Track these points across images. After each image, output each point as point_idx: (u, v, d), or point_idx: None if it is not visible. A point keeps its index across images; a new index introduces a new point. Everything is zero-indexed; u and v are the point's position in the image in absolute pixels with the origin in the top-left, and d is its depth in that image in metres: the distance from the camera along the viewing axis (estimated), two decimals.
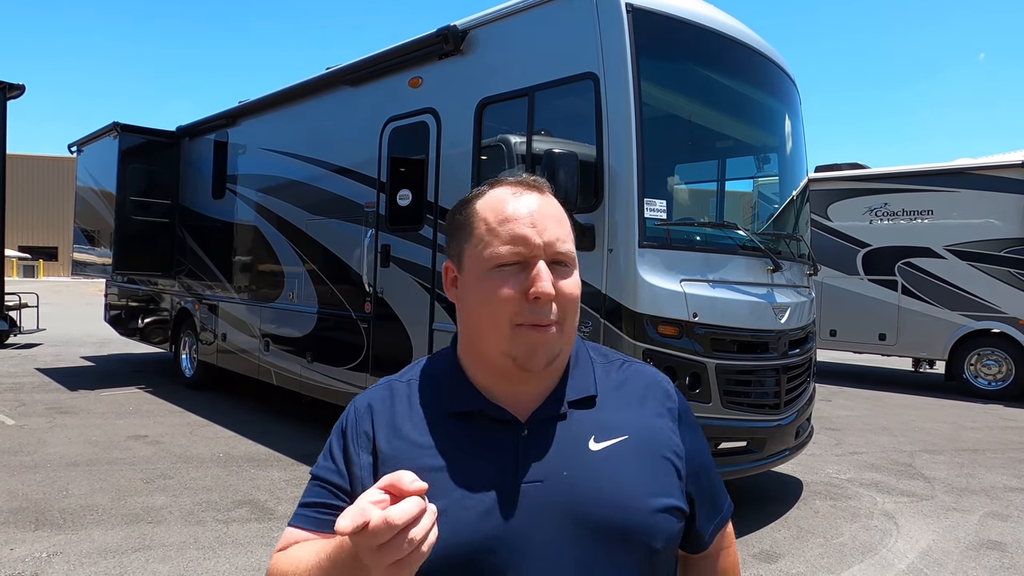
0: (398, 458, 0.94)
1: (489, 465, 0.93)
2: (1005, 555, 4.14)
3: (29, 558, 3.66)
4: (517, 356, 0.92)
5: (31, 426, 6.52)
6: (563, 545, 0.90)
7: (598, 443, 0.95)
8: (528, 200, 0.96)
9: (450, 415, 0.97)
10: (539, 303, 0.91)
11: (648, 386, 1.04)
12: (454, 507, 0.89)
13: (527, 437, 0.94)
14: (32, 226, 51.54)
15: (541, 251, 0.92)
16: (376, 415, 1.00)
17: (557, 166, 3.87)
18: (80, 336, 14.42)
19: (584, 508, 0.91)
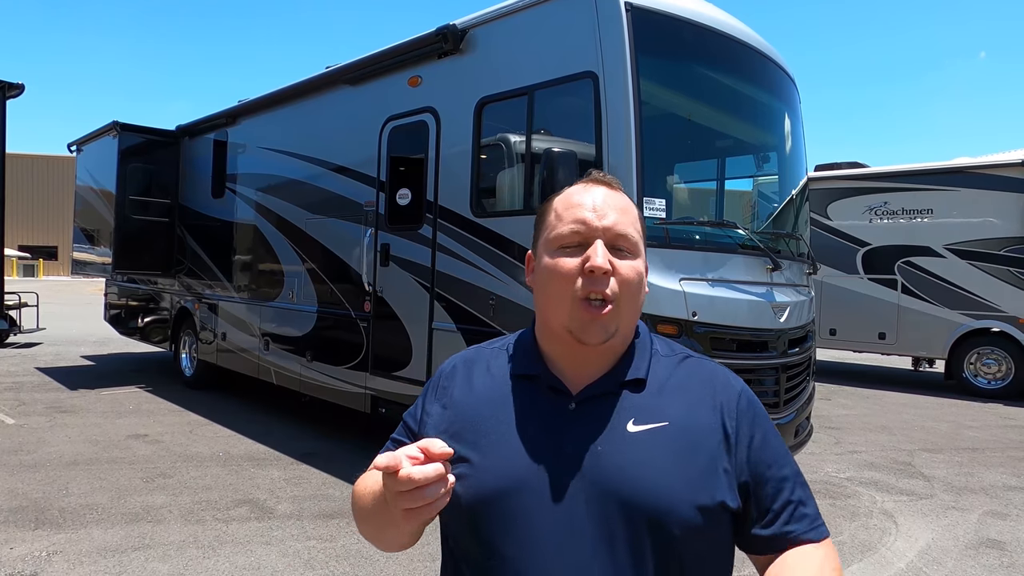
0: (461, 404, 1.09)
1: (535, 428, 1.03)
2: (1004, 554, 4.14)
3: (29, 557, 3.66)
4: (574, 329, 1.01)
5: (31, 425, 6.52)
6: (582, 515, 0.97)
7: (636, 425, 1.02)
8: (595, 191, 1.07)
9: (515, 376, 1.09)
10: (594, 276, 1.00)
11: (705, 381, 1.08)
12: (497, 456, 1.01)
13: (574, 409, 1.04)
14: (32, 225, 51.54)
15: (600, 233, 1.02)
16: (457, 372, 1.15)
17: (556, 165, 3.87)
18: (80, 335, 14.42)
19: (608, 482, 0.97)
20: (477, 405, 1.08)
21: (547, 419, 1.03)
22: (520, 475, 0.99)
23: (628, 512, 0.96)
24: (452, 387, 1.13)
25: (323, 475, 5.25)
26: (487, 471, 1.01)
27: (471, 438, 1.04)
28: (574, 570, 0.96)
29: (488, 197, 4.83)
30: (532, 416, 1.04)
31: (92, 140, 9.53)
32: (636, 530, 0.96)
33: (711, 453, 1.00)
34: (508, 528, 0.98)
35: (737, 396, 1.07)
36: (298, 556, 3.79)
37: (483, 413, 1.06)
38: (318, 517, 4.38)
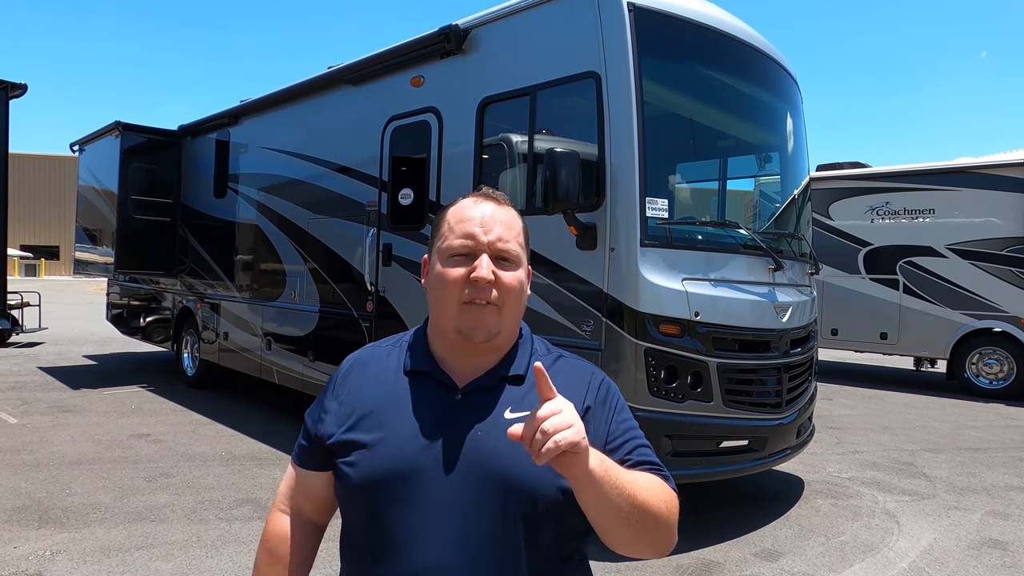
0: (356, 399, 1.20)
1: (424, 417, 1.15)
2: (1006, 554, 4.14)
3: (32, 556, 3.67)
4: (462, 328, 1.15)
5: (34, 425, 6.54)
6: (464, 490, 1.09)
7: (513, 413, 1.14)
8: (483, 207, 1.19)
9: (407, 372, 1.21)
10: (478, 285, 1.13)
11: (573, 376, 1.22)
12: (387, 443, 1.13)
13: (459, 401, 1.16)
14: (34, 225, 51.60)
15: (485, 247, 1.15)
16: (352, 371, 1.25)
17: (559, 165, 3.87)
18: (82, 335, 14.44)
19: (485, 463, 1.10)
20: (372, 398, 1.19)
21: (435, 409, 1.16)
22: (410, 457, 1.11)
23: (501, 489, 1.09)
24: (347, 384, 1.23)
25: None
26: (380, 455, 1.12)
27: (366, 427, 1.16)
28: (455, 538, 1.08)
29: None
30: (422, 407, 1.16)
31: (94, 140, 9.54)
32: (507, 504, 1.09)
33: None
34: (399, 503, 1.10)
35: (599, 384, 1.22)
36: None
37: (377, 405, 1.17)
38: None
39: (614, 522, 1.05)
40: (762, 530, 4.38)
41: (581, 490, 1.01)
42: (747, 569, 3.81)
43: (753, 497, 4.95)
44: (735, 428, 4.16)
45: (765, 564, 3.88)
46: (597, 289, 4.04)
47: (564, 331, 4.22)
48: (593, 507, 1.03)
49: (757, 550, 4.07)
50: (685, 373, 3.98)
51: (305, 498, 1.28)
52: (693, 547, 4.01)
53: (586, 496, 1.02)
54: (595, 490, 1.01)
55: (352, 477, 1.13)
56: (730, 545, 4.10)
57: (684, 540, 4.06)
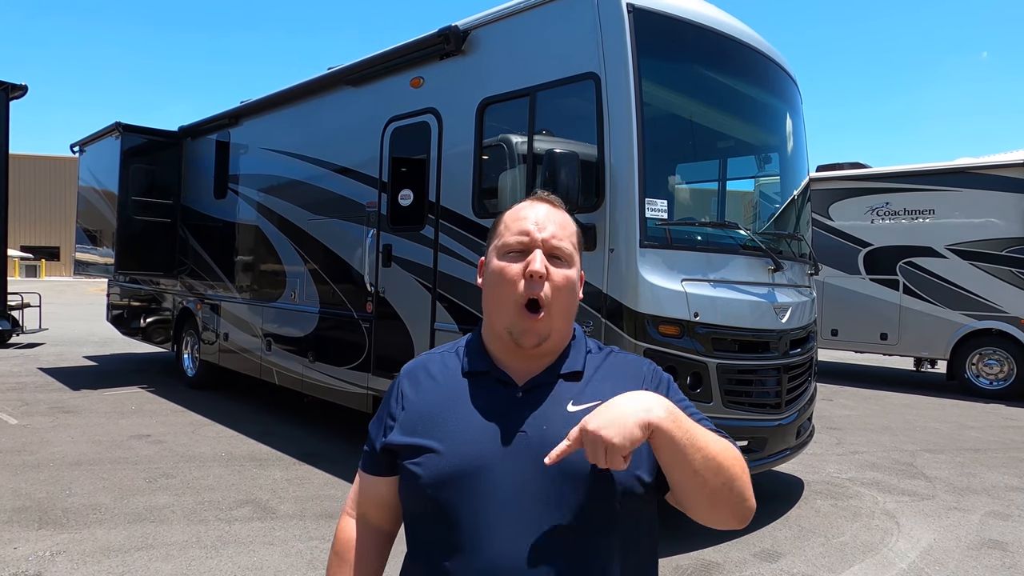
0: (419, 403, 1.23)
1: (488, 414, 1.17)
2: (1006, 554, 4.14)
3: (32, 557, 3.67)
4: (514, 333, 1.18)
5: (34, 425, 6.54)
6: (534, 481, 1.10)
7: (575, 406, 1.17)
8: (538, 208, 1.24)
9: (465, 374, 1.24)
10: (533, 280, 1.15)
11: (627, 369, 1.27)
12: (454, 440, 1.15)
13: (520, 398, 1.19)
14: (34, 226, 51.62)
15: (540, 244, 1.18)
16: (411, 378, 1.28)
17: (558, 166, 3.87)
18: (82, 336, 14.44)
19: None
20: (433, 402, 1.22)
21: (498, 406, 1.18)
22: (478, 454, 1.13)
23: (571, 479, 1.10)
24: (408, 391, 1.26)
25: (325, 475, 5.26)
26: (449, 455, 1.14)
27: (431, 430, 1.18)
28: (528, 530, 1.09)
29: (490, 198, 4.84)
30: (484, 405, 1.19)
31: (94, 141, 9.55)
32: (579, 493, 1.10)
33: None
34: (469, 499, 1.11)
35: (651, 372, 1.27)
36: (300, 556, 3.80)
37: (440, 408, 1.20)
38: (320, 517, 4.39)
39: (691, 477, 1.06)
40: (762, 531, 4.38)
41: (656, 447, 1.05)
42: (747, 569, 3.81)
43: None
44: (735, 429, 4.16)
45: (765, 564, 3.88)
46: (596, 290, 4.04)
47: None
48: (668, 460, 1.06)
49: (757, 551, 4.07)
50: (684, 374, 3.98)
51: (373, 504, 1.30)
52: (693, 548, 4.01)
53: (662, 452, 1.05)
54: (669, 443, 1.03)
55: (421, 476, 1.15)
56: (730, 546, 4.10)
57: (683, 540, 4.08)
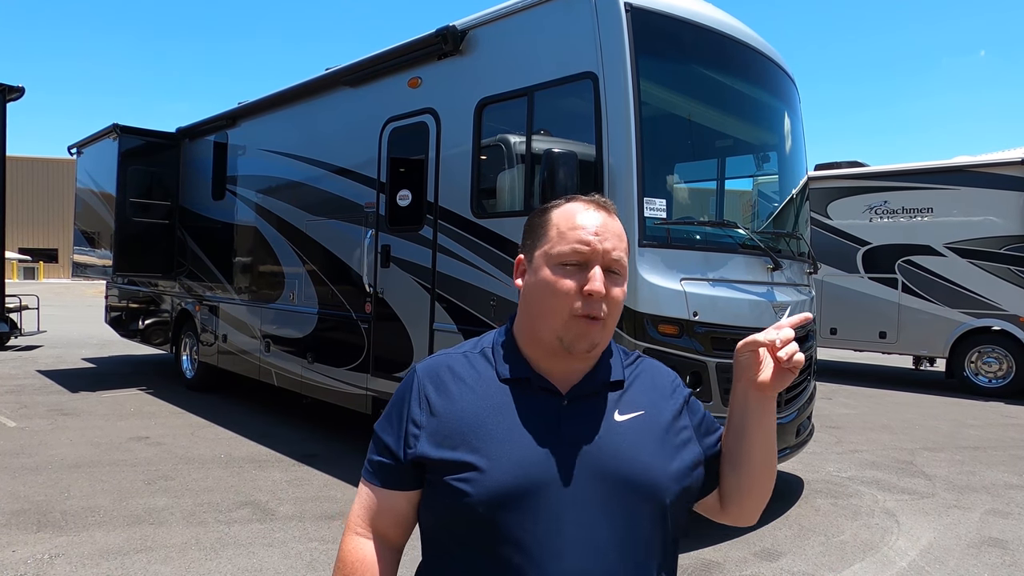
0: (454, 412, 1.14)
1: (535, 424, 1.12)
2: (1006, 552, 4.14)
3: (31, 559, 3.66)
4: (565, 339, 1.12)
5: (33, 428, 6.53)
6: (590, 494, 1.09)
7: (622, 416, 1.16)
8: (595, 215, 1.16)
9: (502, 380, 1.17)
10: (592, 299, 1.11)
11: (657, 378, 1.28)
12: (502, 456, 1.09)
13: (567, 407, 1.15)
14: (32, 228, 51.54)
15: (599, 257, 1.13)
16: (437, 380, 1.18)
17: (557, 166, 3.87)
18: (81, 338, 14.43)
19: (608, 465, 1.11)
20: (472, 411, 1.13)
21: (544, 416, 1.14)
22: (530, 468, 1.09)
23: (627, 488, 1.10)
24: (435, 397, 1.16)
25: (325, 476, 5.25)
26: (499, 470, 1.08)
27: (474, 443, 1.10)
28: (589, 545, 1.07)
29: (488, 198, 4.83)
30: (530, 415, 1.13)
31: (92, 142, 9.54)
32: (634, 502, 1.10)
33: (679, 428, 1.21)
34: (532, 520, 1.07)
35: (678, 383, 1.30)
36: (300, 558, 3.79)
37: (481, 417, 1.12)
38: (320, 519, 4.38)
39: (773, 450, 1.21)
40: (762, 530, 4.38)
41: (767, 412, 1.18)
42: (747, 569, 3.81)
43: None
44: None
45: (765, 564, 3.87)
46: None
47: None
48: (766, 430, 1.19)
49: (757, 550, 4.07)
50: (684, 373, 3.98)
51: (388, 520, 1.18)
52: (693, 547, 4.01)
53: (768, 417, 1.18)
54: (774, 412, 1.18)
55: (472, 493, 1.07)
56: (730, 545, 4.10)
57: (683, 540, 4.07)
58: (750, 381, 1.15)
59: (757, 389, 1.15)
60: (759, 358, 1.14)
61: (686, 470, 1.17)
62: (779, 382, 1.13)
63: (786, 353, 1.11)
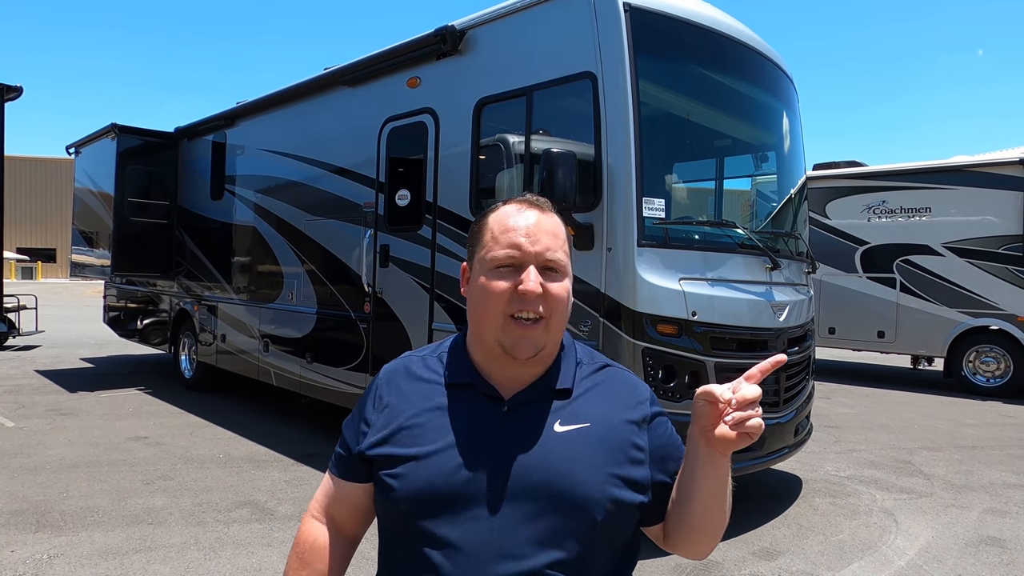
0: (399, 410, 1.17)
1: (471, 430, 1.12)
2: (1004, 551, 4.15)
3: (30, 560, 3.66)
4: (506, 344, 1.11)
5: (31, 428, 6.52)
6: (515, 505, 1.07)
7: (562, 426, 1.13)
8: (528, 215, 1.15)
9: (448, 385, 1.18)
10: (526, 298, 1.09)
11: (621, 390, 1.21)
12: (435, 457, 1.10)
13: (506, 413, 1.14)
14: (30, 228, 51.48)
15: (532, 257, 1.11)
16: (392, 380, 1.23)
17: (555, 165, 3.87)
18: (79, 338, 14.41)
19: (537, 476, 1.08)
20: (415, 410, 1.16)
21: (482, 422, 1.13)
22: (457, 471, 1.09)
23: (555, 501, 1.07)
24: (388, 395, 1.21)
25: (324, 476, 5.24)
26: (427, 468, 1.10)
27: (411, 439, 1.13)
28: (506, 553, 1.05)
29: (487, 197, 4.83)
30: (467, 419, 1.14)
31: (90, 142, 9.52)
32: (562, 516, 1.07)
33: (629, 445, 1.15)
34: (446, 519, 1.08)
35: (650, 399, 1.22)
36: None
37: (421, 417, 1.15)
38: None
39: (719, 505, 1.12)
40: (760, 529, 4.38)
41: (715, 468, 1.07)
42: (746, 568, 3.81)
43: (751, 496, 4.95)
44: None
45: (764, 563, 3.88)
46: (594, 289, 4.04)
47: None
48: (712, 486, 1.09)
49: (756, 549, 4.07)
50: (683, 373, 3.98)
51: (342, 509, 1.25)
52: None
53: (715, 474, 1.08)
54: (725, 470, 1.09)
55: (397, 489, 1.11)
56: (728, 544, 4.10)
57: None
58: (702, 432, 1.05)
59: (707, 444, 1.05)
60: (716, 410, 1.03)
61: (625, 489, 1.11)
62: (731, 444, 1.02)
63: (735, 420, 1.00)
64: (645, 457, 1.15)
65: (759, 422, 1.00)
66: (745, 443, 1.01)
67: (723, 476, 1.09)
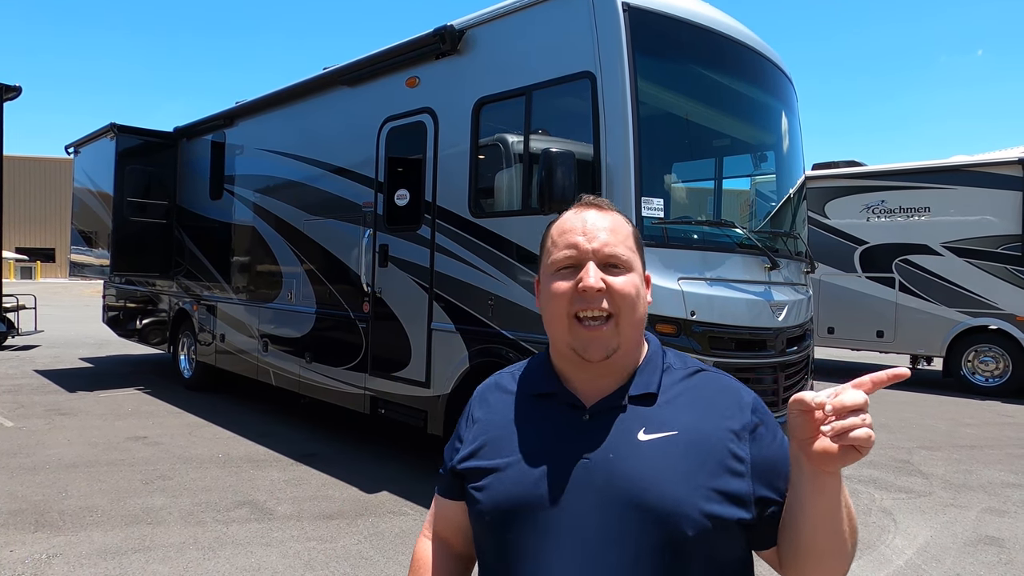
0: (485, 425, 1.18)
1: (551, 440, 1.10)
2: (1003, 550, 4.15)
3: (29, 559, 3.66)
4: (576, 347, 1.09)
5: (30, 428, 6.52)
6: (595, 512, 1.03)
7: (647, 435, 1.07)
8: (585, 215, 1.14)
9: (532, 396, 1.17)
10: (586, 295, 1.07)
11: (717, 395, 1.13)
12: (515, 467, 1.09)
13: (588, 421, 1.10)
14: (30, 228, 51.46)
15: (591, 254, 1.09)
16: (481, 398, 1.24)
17: (554, 165, 3.87)
18: (78, 337, 14.40)
19: (619, 487, 1.03)
20: (498, 424, 1.17)
21: (563, 431, 1.10)
22: (538, 482, 1.06)
23: (638, 514, 1.01)
24: (477, 411, 1.23)
25: (323, 476, 5.25)
26: (508, 480, 1.09)
27: (493, 451, 1.13)
28: (588, 569, 1.02)
29: (486, 197, 4.84)
30: (548, 429, 1.12)
31: (89, 142, 9.52)
32: (646, 530, 1.01)
33: (727, 455, 1.05)
34: (527, 531, 1.05)
35: (753, 404, 1.12)
36: (298, 557, 3.79)
37: (505, 430, 1.15)
38: (318, 518, 4.38)
39: (833, 531, 0.99)
40: None
41: (820, 488, 0.95)
42: None
43: None
44: None
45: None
46: None
47: None
48: (820, 509, 0.97)
49: None
50: None
51: (446, 527, 1.25)
52: None
53: (822, 496, 0.96)
54: (835, 491, 0.96)
55: (482, 502, 1.10)
56: None
57: None
58: (801, 447, 0.93)
59: (808, 460, 0.93)
60: (813, 421, 0.91)
61: (722, 503, 1.02)
62: (835, 460, 0.90)
63: (834, 429, 0.88)
64: (745, 469, 1.05)
65: (866, 432, 0.87)
66: (852, 458, 0.89)
67: (831, 498, 0.97)
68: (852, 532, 1.01)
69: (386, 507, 4.62)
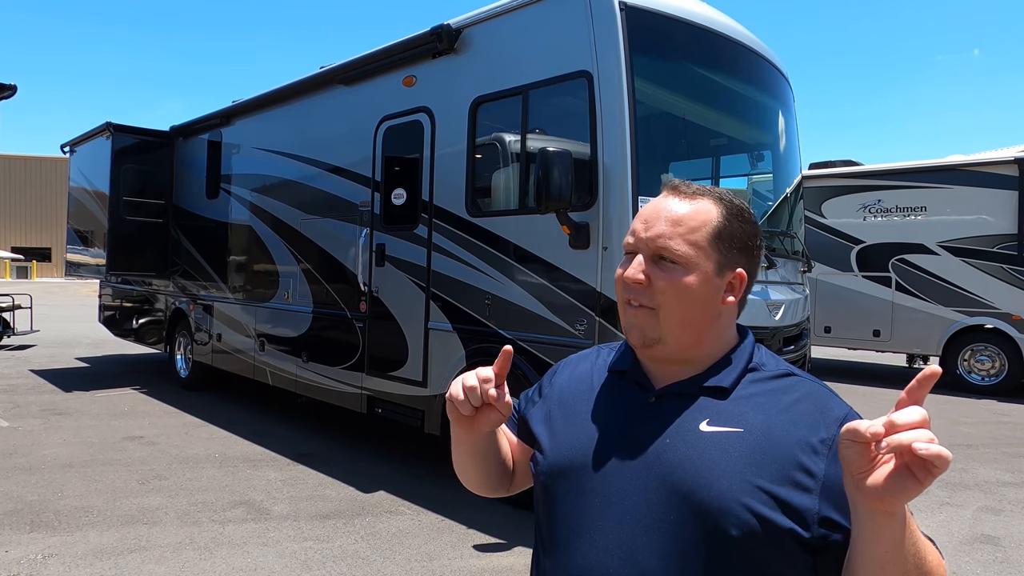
0: (560, 390, 1.22)
1: (613, 413, 1.12)
2: (999, 549, 4.17)
3: (24, 560, 3.65)
4: (624, 327, 1.12)
5: (26, 428, 6.50)
6: (643, 495, 1.02)
7: (710, 427, 1.03)
8: (660, 201, 1.10)
9: (609, 371, 1.19)
10: (627, 286, 1.08)
11: (799, 403, 1.03)
12: (573, 432, 1.13)
13: (653, 403, 1.09)
14: (25, 227, 51.31)
15: (643, 244, 1.07)
16: (564, 366, 1.28)
17: (551, 164, 3.87)
18: (74, 337, 14.36)
19: (669, 473, 1.01)
20: (572, 390, 1.20)
21: (626, 408, 1.11)
22: (588, 453, 1.09)
23: (682, 503, 0.98)
24: (558, 374, 1.26)
25: (319, 476, 5.24)
26: (565, 444, 1.13)
27: (559, 416, 1.17)
28: (623, 547, 1.01)
29: (483, 197, 4.83)
30: (613, 404, 1.13)
31: (85, 141, 9.50)
32: (688, 521, 0.97)
33: (788, 464, 0.96)
34: (572, 496, 1.08)
35: (837, 421, 0.98)
36: (295, 557, 3.79)
37: (574, 397, 1.18)
38: (315, 518, 4.38)
39: None
40: None
41: (877, 531, 0.83)
42: None
43: None
44: None
45: None
46: (591, 288, 4.04)
47: (558, 330, 4.22)
48: (879, 555, 0.84)
49: None
50: None
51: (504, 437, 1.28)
52: None
53: (880, 541, 0.83)
54: (895, 535, 0.82)
55: (540, 463, 1.15)
56: None
57: None
58: (856, 484, 0.81)
59: (864, 498, 0.80)
60: (868, 453, 0.79)
61: (774, 510, 0.93)
62: (891, 490, 0.77)
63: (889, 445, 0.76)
64: (815, 486, 0.94)
65: (936, 449, 0.73)
66: (914, 489, 0.76)
67: (893, 542, 0.83)
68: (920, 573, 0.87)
69: (383, 507, 4.62)
